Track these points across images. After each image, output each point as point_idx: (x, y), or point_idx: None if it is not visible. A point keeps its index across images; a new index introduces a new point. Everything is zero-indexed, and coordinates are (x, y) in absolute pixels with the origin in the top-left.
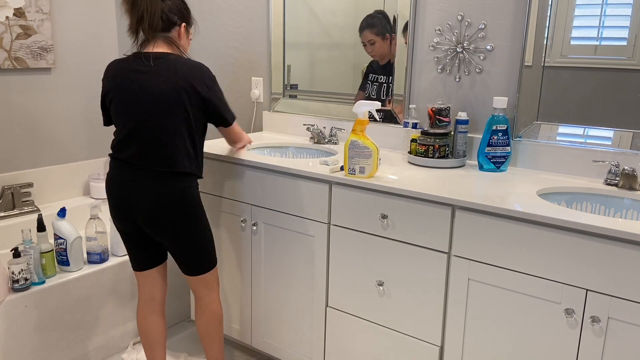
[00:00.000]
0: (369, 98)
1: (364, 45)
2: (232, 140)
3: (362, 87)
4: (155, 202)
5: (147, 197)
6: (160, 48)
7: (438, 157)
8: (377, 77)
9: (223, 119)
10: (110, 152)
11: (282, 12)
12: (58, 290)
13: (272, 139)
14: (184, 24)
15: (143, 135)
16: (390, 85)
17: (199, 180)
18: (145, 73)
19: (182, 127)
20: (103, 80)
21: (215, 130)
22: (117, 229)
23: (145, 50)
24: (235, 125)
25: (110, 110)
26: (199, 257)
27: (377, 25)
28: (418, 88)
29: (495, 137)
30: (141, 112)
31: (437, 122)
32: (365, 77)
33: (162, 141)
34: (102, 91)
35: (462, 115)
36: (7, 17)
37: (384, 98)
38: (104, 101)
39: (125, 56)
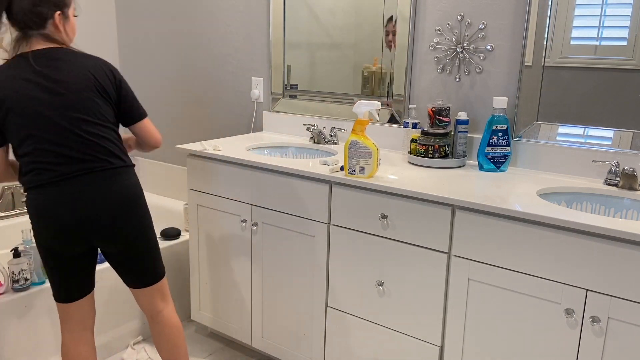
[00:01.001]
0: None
1: (387, 35)
2: (148, 143)
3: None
4: (103, 205)
5: (90, 203)
6: (39, 46)
7: (438, 157)
8: None
9: (137, 112)
10: (26, 184)
11: (282, 12)
12: None
13: (272, 139)
14: (58, 13)
15: (59, 142)
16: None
17: None
18: (38, 77)
19: (108, 123)
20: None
21: (213, 132)
22: (50, 258)
23: (28, 50)
24: (149, 121)
25: (4, 124)
26: (153, 262)
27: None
28: (418, 88)
29: (495, 137)
30: (47, 120)
31: (437, 122)
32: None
33: (86, 140)
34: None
35: (462, 115)
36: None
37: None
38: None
39: (6, 62)
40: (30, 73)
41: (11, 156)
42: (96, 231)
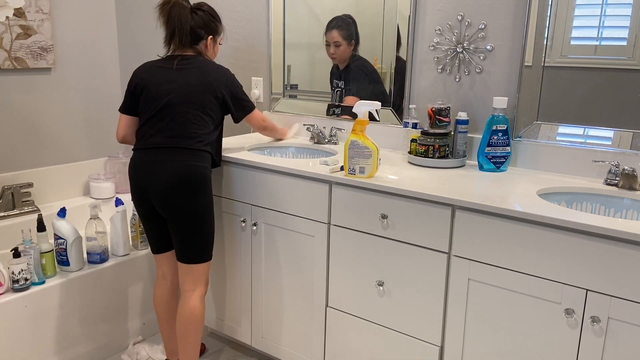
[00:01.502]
0: (332, 105)
1: (327, 46)
2: (263, 126)
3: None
4: (168, 177)
5: (161, 174)
6: (189, 52)
7: (438, 157)
8: (338, 83)
9: (245, 107)
10: (134, 146)
11: (282, 12)
12: (58, 290)
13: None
14: (210, 37)
15: (163, 124)
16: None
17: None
18: (177, 70)
19: (208, 119)
20: (133, 75)
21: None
22: (137, 212)
23: (177, 53)
24: (259, 111)
25: (139, 101)
26: (195, 244)
27: (345, 28)
28: (418, 88)
29: (495, 137)
30: (170, 105)
31: (437, 122)
32: (330, 82)
33: (182, 126)
34: (131, 83)
35: (462, 115)
36: (7, 17)
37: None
38: (133, 91)
39: (159, 57)
40: (166, 66)
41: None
42: (153, 196)
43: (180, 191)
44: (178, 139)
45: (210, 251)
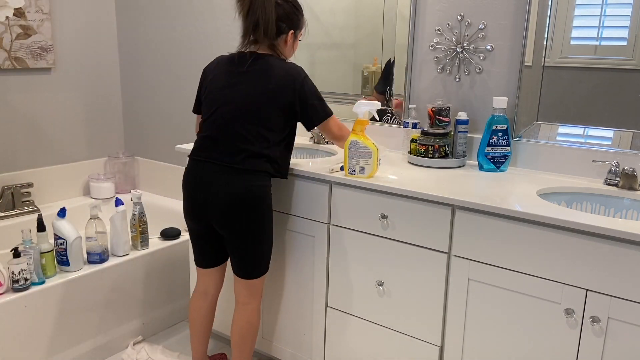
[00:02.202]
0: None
1: None
2: (337, 136)
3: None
4: (231, 194)
5: (223, 189)
6: (262, 51)
7: (438, 157)
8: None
9: (316, 114)
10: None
11: None
12: (58, 290)
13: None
14: (291, 32)
15: (222, 129)
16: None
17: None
18: (241, 73)
19: (271, 126)
20: (203, 71)
21: None
22: (187, 225)
23: (250, 50)
24: (335, 119)
25: (204, 98)
26: (253, 260)
27: None
28: (418, 88)
29: (495, 137)
30: (228, 107)
31: (437, 122)
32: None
33: (242, 138)
34: (202, 77)
35: (462, 115)
36: (7, 17)
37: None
38: (199, 89)
39: (229, 54)
40: (235, 65)
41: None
42: (211, 214)
43: (236, 210)
44: (234, 156)
45: (268, 264)
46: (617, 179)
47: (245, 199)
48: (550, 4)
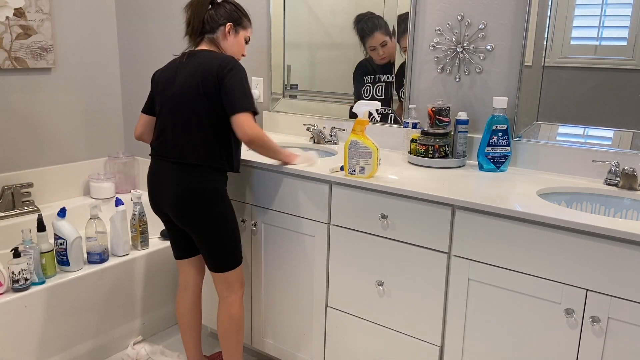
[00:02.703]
0: (373, 98)
1: (373, 50)
2: (248, 135)
3: (358, 89)
4: (176, 194)
5: (170, 189)
6: (203, 47)
7: (438, 157)
8: (379, 77)
9: (231, 103)
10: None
11: (282, 12)
12: (58, 290)
13: (272, 139)
14: (229, 24)
15: (167, 128)
16: (403, 83)
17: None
18: (178, 69)
19: (205, 120)
20: (154, 74)
21: None
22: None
23: (189, 49)
24: (249, 117)
25: (154, 101)
26: (219, 254)
27: (383, 25)
28: (418, 88)
29: (495, 137)
30: (168, 106)
31: (437, 122)
32: (361, 78)
33: (182, 134)
34: (152, 79)
35: (462, 115)
36: (7, 17)
37: (389, 97)
38: (151, 90)
39: (175, 56)
40: (175, 65)
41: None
42: (167, 209)
43: (190, 207)
44: (180, 152)
45: (237, 256)
46: (617, 179)
47: (194, 195)
48: (550, 4)
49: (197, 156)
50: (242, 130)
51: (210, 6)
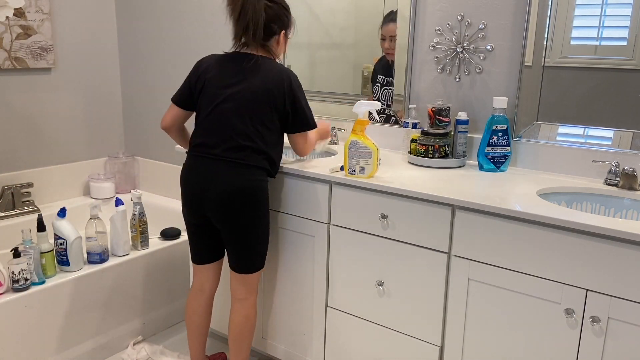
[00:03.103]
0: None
1: (383, 40)
2: (304, 149)
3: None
4: (227, 191)
5: (219, 187)
6: (254, 52)
7: (438, 157)
8: (387, 80)
9: (305, 119)
10: (190, 146)
11: None
12: (58, 290)
13: None
14: (283, 32)
15: (225, 127)
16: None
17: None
18: (239, 72)
19: (267, 128)
20: (196, 66)
21: None
22: (185, 220)
23: (244, 51)
24: (313, 136)
25: (198, 97)
26: (251, 255)
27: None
28: (418, 88)
29: (495, 137)
30: (230, 104)
31: (437, 122)
32: (374, 79)
33: (243, 136)
34: (193, 76)
35: (462, 115)
36: (7, 17)
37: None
38: (194, 85)
39: (225, 53)
40: (233, 64)
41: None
42: (208, 207)
43: (236, 204)
44: (234, 152)
45: (264, 259)
46: (617, 179)
47: (245, 192)
48: (550, 4)
49: (255, 159)
50: (304, 147)
51: (264, 8)
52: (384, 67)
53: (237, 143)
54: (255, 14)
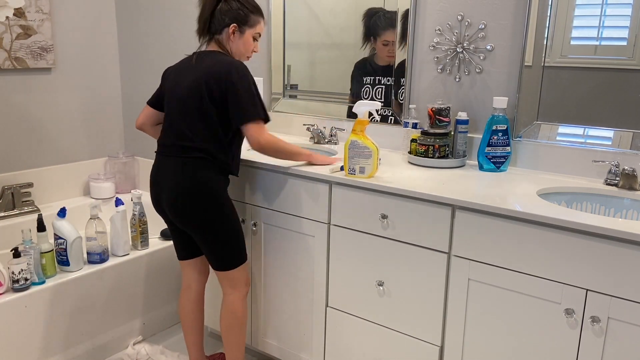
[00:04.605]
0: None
1: (385, 45)
2: (259, 145)
3: (357, 89)
4: (175, 192)
5: (169, 184)
6: (211, 48)
7: (438, 157)
8: (380, 79)
9: (240, 114)
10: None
11: (282, 12)
12: (58, 290)
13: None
14: (233, 25)
15: (172, 126)
16: (402, 86)
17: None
18: (187, 69)
19: (209, 122)
20: (166, 69)
21: None
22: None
23: (199, 50)
24: (259, 127)
25: (164, 95)
26: (219, 253)
27: (394, 25)
28: (418, 88)
29: (495, 137)
30: (174, 104)
31: (437, 122)
32: (360, 79)
33: (186, 133)
34: (163, 75)
35: (462, 115)
36: (7, 17)
37: (390, 99)
38: (160, 86)
39: (187, 55)
40: (184, 66)
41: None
42: (166, 206)
43: (185, 206)
44: (180, 151)
45: (240, 255)
46: (617, 179)
47: (190, 193)
48: (550, 4)
49: (198, 155)
50: (253, 139)
51: (217, 4)
52: (375, 70)
53: (180, 143)
54: (205, 5)
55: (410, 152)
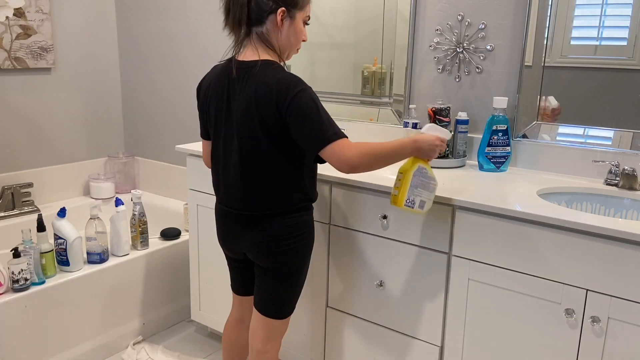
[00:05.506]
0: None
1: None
2: (346, 166)
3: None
4: (252, 242)
5: (244, 237)
6: (250, 52)
7: (438, 157)
8: None
9: (313, 140)
10: None
11: None
12: (58, 290)
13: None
14: (282, 9)
15: (227, 171)
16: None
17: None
18: (231, 87)
19: (270, 162)
20: (198, 88)
21: None
22: (224, 252)
23: (237, 58)
24: (341, 146)
25: (207, 123)
26: (278, 299)
27: None
28: (418, 88)
29: (495, 137)
30: (222, 140)
31: (437, 122)
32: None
33: (244, 182)
34: (198, 98)
35: (462, 115)
36: (7, 17)
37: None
38: (200, 110)
39: (221, 63)
40: (224, 82)
41: None
42: (244, 249)
43: (272, 251)
44: (247, 203)
45: (294, 305)
46: (617, 179)
47: (275, 239)
48: (550, 4)
49: (269, 207)
50: (340, 162)
51: None
52: None
53: (244, 195)
54: None
55: None
